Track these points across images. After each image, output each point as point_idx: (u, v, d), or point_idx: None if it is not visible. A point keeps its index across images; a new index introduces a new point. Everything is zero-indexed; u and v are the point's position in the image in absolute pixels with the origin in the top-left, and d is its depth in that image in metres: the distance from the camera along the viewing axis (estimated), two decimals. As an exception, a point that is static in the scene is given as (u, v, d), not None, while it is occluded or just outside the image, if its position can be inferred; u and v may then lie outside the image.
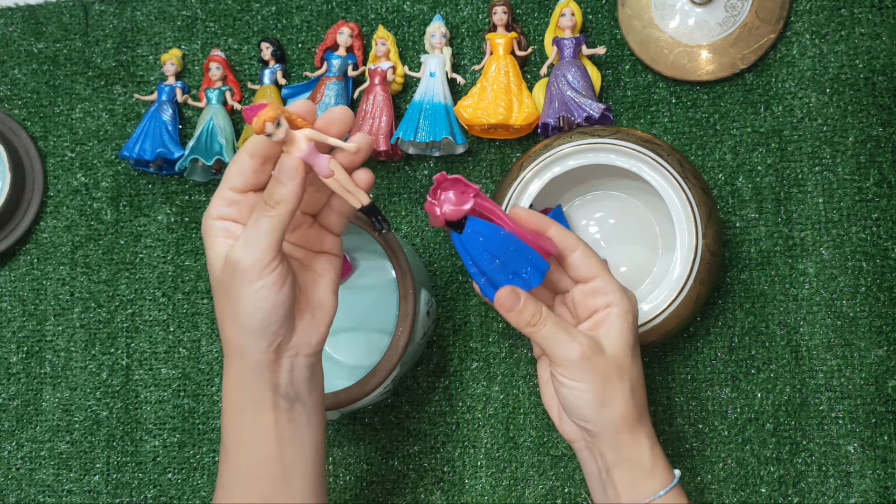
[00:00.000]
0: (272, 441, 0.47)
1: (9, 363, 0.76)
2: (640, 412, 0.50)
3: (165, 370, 0.73)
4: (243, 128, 0.73)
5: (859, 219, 0.64)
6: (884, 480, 0.61)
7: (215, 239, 0.46)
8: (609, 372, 0.49)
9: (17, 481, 0.74)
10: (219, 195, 0.46)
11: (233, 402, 0.48)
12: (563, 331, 0.49)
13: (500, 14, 0.69)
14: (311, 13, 0.76)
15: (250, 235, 0.44)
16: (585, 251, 0.51)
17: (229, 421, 0.48)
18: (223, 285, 0.45)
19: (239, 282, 0.44)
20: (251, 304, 0.44)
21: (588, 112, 0.64)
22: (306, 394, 0.49)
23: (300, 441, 0.48)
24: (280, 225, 0.44)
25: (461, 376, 0.68)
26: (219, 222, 0.46)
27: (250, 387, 0.47)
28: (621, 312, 0.50)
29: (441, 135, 0.66)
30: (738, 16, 0.66)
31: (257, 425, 0.47)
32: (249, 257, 0.43)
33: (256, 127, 0.41)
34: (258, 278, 0.44)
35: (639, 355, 0.51)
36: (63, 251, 0.77)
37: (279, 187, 0.44)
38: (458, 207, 0.48)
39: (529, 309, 0.49)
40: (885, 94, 0.65)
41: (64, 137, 0.79)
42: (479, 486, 0.66)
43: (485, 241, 0.49)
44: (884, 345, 0.62)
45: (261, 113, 0.41)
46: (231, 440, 0.48)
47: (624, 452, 0.50)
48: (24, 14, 0.81)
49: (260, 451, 0.47)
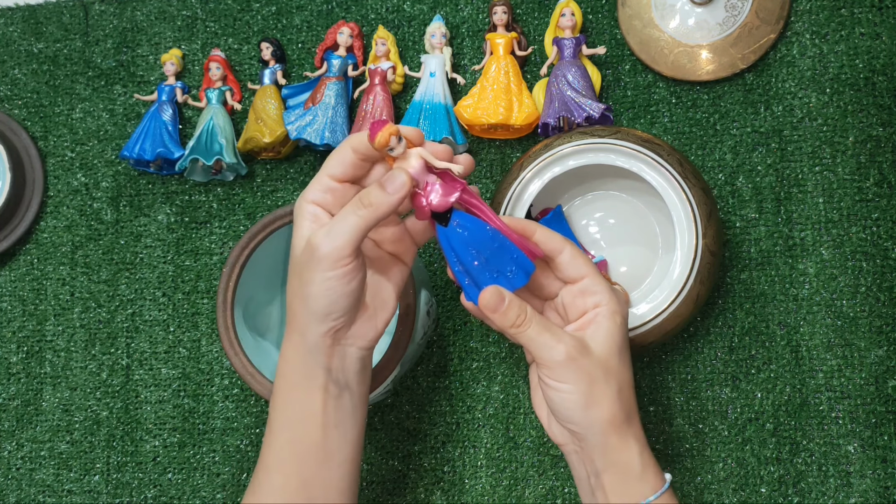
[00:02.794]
0: (318, 424, 0.49)
1: (9, 363, 0.76)
2: (629, 415, 0.49)
3: (165, 370, 0.73)
4: (243, 127, 0.73)
5: (859, 219, 0.64)
6: (884, 480, 0.61)
7: (303, 221, 0.48)
8: (595, 373, 0.48)
9: (17, 481, 0.74)
10: (317, 180, 0.48)
11: (286, 377, 0.50)
12: (548, 332, 0.48)
13: (500, 14, 0.69)
14: (311, 13, 0.76)
15: (335, 226, 0.46)
16: (573, 251, 0.50)
17: (279, 400, 0.50)
18: (300, 265, 0.47)
19: (314, 266, 0.46)
20: (320, 289, 0.46)
21: (588, 112, 0.64)
22: (355, 384, 0.51)
23: (344, 429, 0.50)
24: (365, 225, 0.46)
25: (461, 376, 0.68)
26: (311, 206, 0.48)
27: (305, 364, 0.49)
28: (609, 312, 0.49)
29: (441, 135, 0.66)
30: (738, 16, 0.66)
31: (307, 406, 0.49)
32: (328, 246, 0.46)
33: (382, 140, 0.45)
34: (332, 268, 0.46)
35: (628, 356, 0.50)
36: (63, 251, 0.77)
37: (380, 193, 0.46)
38: (444, 198, 0.47)
39: (514, 309, 0.48)
40: (885, 94, 0.65)
41: (64, 137, 0.79)
42: (479, 486, 0.66)
43: (469, 235, 0.48)
44: (884, 345, 0.62)
45: (385, 128, 0.45)
46: (279, 420, 0.50)
47: (612, 456, 0.48)
48: (24, 14, 0.81)
49: (306, 432, 0.49)
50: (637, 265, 0.65)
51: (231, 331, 0.62)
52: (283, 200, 0.73)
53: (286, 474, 0.49)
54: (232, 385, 0.72)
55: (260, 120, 0.71)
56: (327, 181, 0.48)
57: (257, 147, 0.71)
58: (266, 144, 0.70)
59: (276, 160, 0.74)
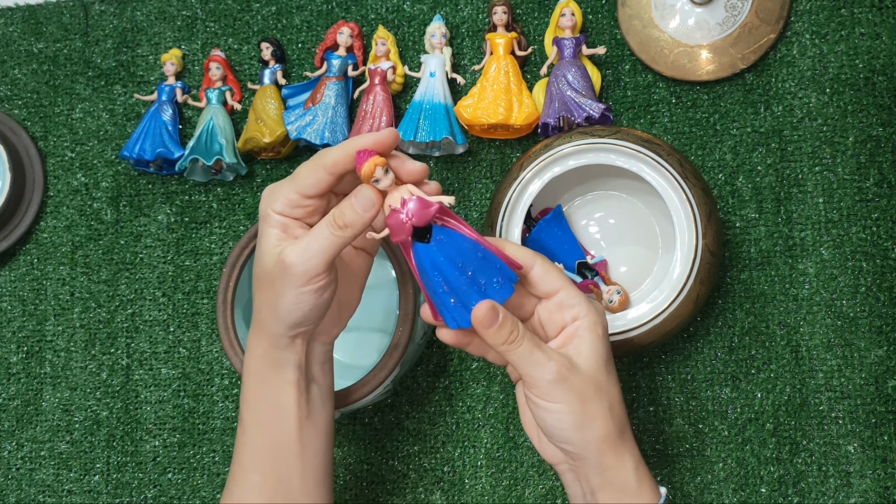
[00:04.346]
0: (293, 419, 0.50)
1: (9, 363, 0.76)
2: (622, 430, 0.48)
3: (165, 370, 0.73)
4: (243, 127, 0.73)
5: (859, 219, 0.64)
6: (884, 480, 0.61)
7: (271, 229, 0.47)
8: (587, 391, 0.46)
9: (17, 481, 0.74)
10: (285, 194, 0.47)
11: (256, 375, 0.50)
12: (539, 350, 0.46)
13: (500, 14, 0.69)
14: (311, 13, 0.76)
15: (310, 245, 0.45)
16: (544, 265, 0.49)
17: (251, 397, 0.50)
18: (270, 276, 0.47)
19: (286, 281, 0.46)
20: (293, 303, 0.46)
21: (588, 112, 0.64)
22: (320, 376, 0.52)
23: (315, 421, 0.51)
24: (341, 245, 0.46)
25: (461, 376, 0.68)
26: (278, 216, 0.47)
27: (275, 363, 0.49)
28: (589, 325, 0.48)
29: (441, 135, 0.66)
30: (738, 16, 0.66)
31: (280, 402, 0.49)
32: (303, 265, 0.45)
33: (366, 172, 0.44)
34: (305, 284, 0.46)
35: (614, 369, 0.49)
36: (63, 251, 0.77)
37: (353, 213, 0.45)
38: (425, 211, 0.45)
39: (508, 325, 0.46)
40: (885, 94, 0.65)
41: (64, 137, 0.79)
42: (479, 486, 0.66)
43: (453, 249, 0.46)
44: (884, 345, 0.62)
45: (371, 159, 0.44)
46: (252, 418, 0.50)
47: (609, 475, 0.47)
48: (24, 14, 0.81)
49: (282, 428, 0.50)
50: (637, 265, 0.65)
51: (231, 331, 0.62)
52: (283, 200, 0.73)
53: (263, 472, 0.50)
54: (232, 385, 0.72)
55: (260, 120, 0.71)
56: (297, 198, 0.47)
57: (257, 147, 0.71)
58: (266, 144, 0.70)
59: (276, 160, 0.74)
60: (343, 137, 0.70)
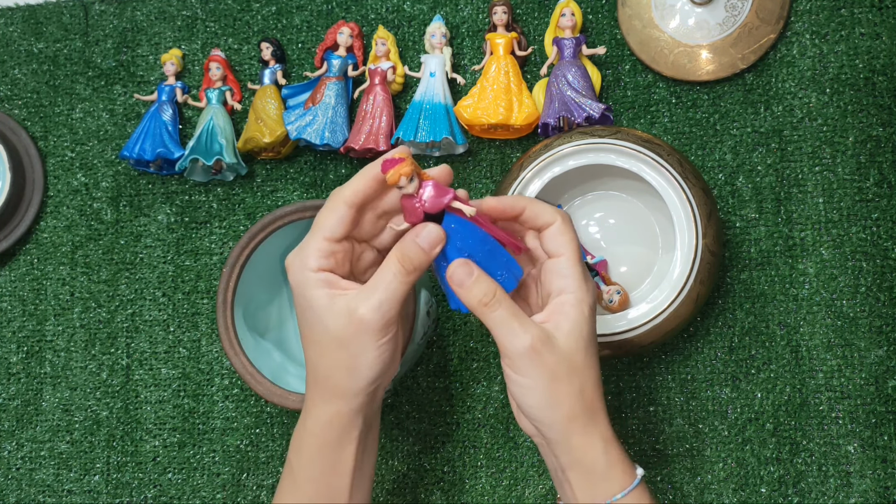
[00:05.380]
0: (348, 476, 0.49)
1: (9, 363, 0.76)
2: (593, 413, 0.47)
3: (165, 370, 0.73)
4: (243, 127, 0.73)
5: (859, 219, 0.64)
6: (884, 480, 0.61)
7: (316, 290, 0.46)
8: (557, 370, 0.45)
9: (17, 481, 0.74)
10: (314, 246, 0.46)
11: (318, 437, 0.49)
12: (516, 319, 0.45)
13: (500, 14, 0.69)
14: (311, 13, 0.76)
15: (384, 298, 0.45)
16: (562, 227, 0.48)
17: (309, 454, 0.49)
18: (341, 338, 0.46)
19: (365, 339, 0.45)
20: (374, 358, 0.46)
21: (588, 112, 0.64)
22: (375, 421, 0.51)
23: (364, 470, 0.51)
24: (409, 288, 0.46)
25: (461, 376, 0.68)
26: (318, 274, 0.46)
27: (348, 425, 0.48)
28: (576, 301, 0.46)
29: (441, 135, 0.66)
30: (738, 16, 0.66)
31: (340, 460, 0.49)
32: (381, 319, 0.45)
33: (392, 179, 0.44)
34: (384, 336, 0.46)
35: (595, 351, 0.48)
36: (63, 251, 0.77)
37: (420, 254, 0.45)
38: (438, 199, 0.46)
39: (482, 287, 0.46)
40: (885, 94, 0.65)
41: (64, 137, 0.79)
42: (479, 486, 0.66)
43: (462, 238, 0.47)
44: (884, 345, 0.62)
45: (397, 167, 0.44)
46: (305, 472, 0.49)
47: (576, 455, 0.47)
48: (24, 14, 0.81)
49: (336, 484, 0.49)
50: (637, 265, 0.65)
51: (231, 331, 0.62)
52: (283, 200, 0.73)
53: None
54: (232, 385, 0.72)
55: (260, 120, 0.71)
56: (327, 245, 0.46)
57: (257, 147, 0.71)
58: (266, 144, 0.70)
59: (276, 160, 0.74)
60: (343, 137, 0.70)
